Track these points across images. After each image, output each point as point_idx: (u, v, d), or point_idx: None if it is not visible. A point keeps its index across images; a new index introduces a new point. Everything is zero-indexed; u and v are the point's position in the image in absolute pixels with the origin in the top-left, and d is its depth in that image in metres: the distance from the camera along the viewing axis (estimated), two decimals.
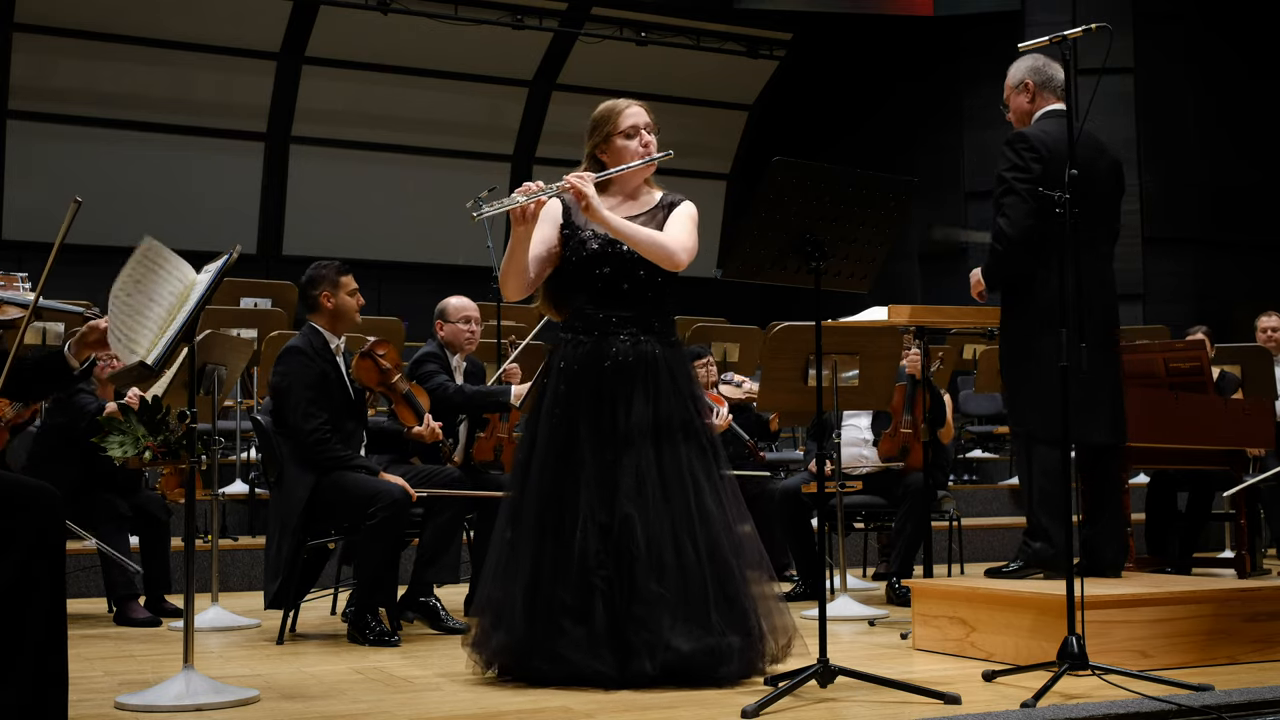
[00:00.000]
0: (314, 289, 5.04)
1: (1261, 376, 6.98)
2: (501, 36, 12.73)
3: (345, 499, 4.77)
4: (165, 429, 4.05)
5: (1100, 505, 4.56)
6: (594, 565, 3.62)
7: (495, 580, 3.76)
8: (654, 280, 3.85)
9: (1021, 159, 4.38)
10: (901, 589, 5.74)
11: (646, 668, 3.54)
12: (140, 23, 11.89)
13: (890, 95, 13.00)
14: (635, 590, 3.59)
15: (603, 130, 3.92)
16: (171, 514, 5.77)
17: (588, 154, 3.96)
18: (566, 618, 3.61)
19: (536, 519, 3.72)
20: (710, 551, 3.67)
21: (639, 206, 3.94)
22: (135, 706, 3.48)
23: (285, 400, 4.89)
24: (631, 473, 3.67)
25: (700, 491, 3.72)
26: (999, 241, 4.40)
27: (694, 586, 3.62)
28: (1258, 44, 12.05)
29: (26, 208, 11.84)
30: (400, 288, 12.09)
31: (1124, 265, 11.23)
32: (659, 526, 3.64)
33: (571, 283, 3.90)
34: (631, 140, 3.89)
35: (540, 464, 3.76)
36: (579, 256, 3.86)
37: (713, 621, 3.60)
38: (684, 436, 3.76)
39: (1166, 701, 3.29)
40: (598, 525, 3.65)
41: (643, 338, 3.82)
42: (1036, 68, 4.61)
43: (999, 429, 9.75)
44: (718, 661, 3.59)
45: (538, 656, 3.64)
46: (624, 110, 3.92)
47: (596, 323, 3.82)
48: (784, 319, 6.08)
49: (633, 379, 3.76)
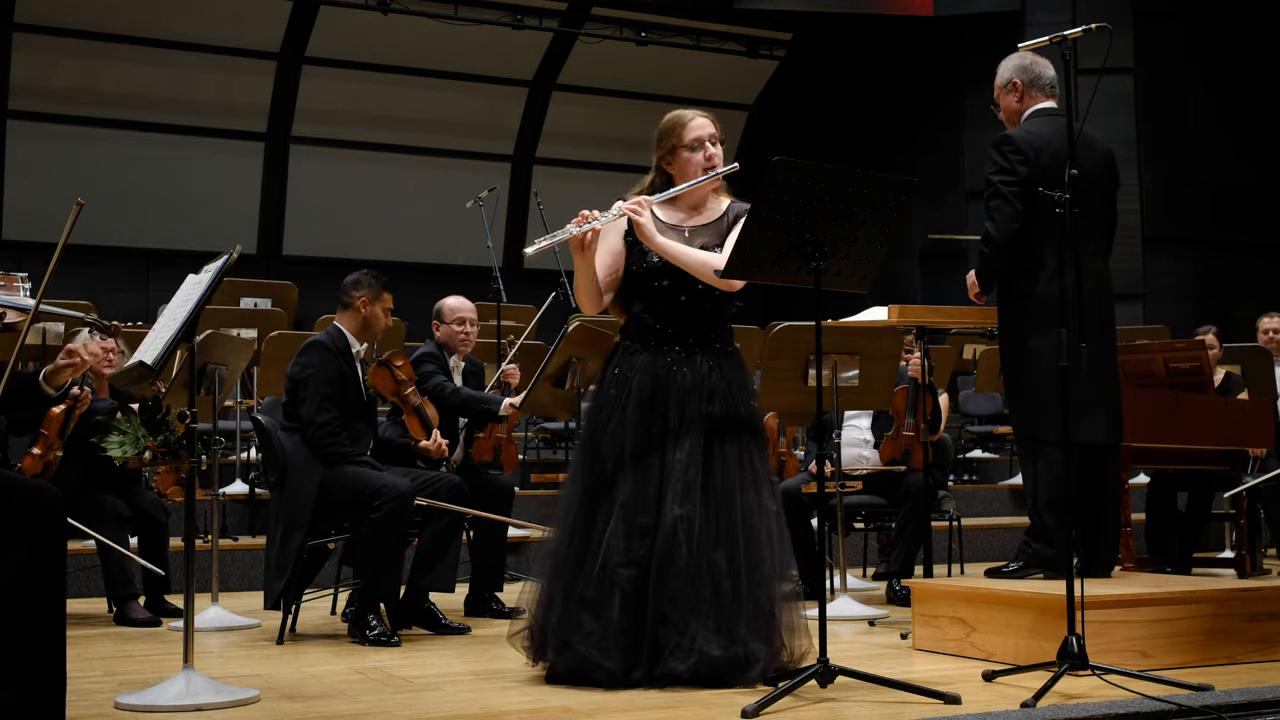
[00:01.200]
0: (356, 290, 5.07)
1: (1262, 377, 6.99)
2: (501, 36, 12.73)
3: (350, 494, 4.77)
4: (165, 429, 4.05)
5: (1097, 505, 4.56)
6: (618, 562, 3.65)
7: (535, 573, 3.87)
8: (711, 293, 3.87)
9: (1007, 161, 4.40)
10: (901, 589, 5.74)
11: (680, 669, 3.57)
12: (140, 23, 11.89)
13: (890, 95, 12.99)
14: (672, 594, 3.62)
15: (668, 142, 3.94)
16: (170, 514, 5.77)
17: (655, 164, 3.99)
18: (583, 610, 3.65)
19: (573, 515, 3.77)
20: (750, 563, 3.69)
21: (705, 216, 3.97)
22: (135, 706, 3.49)
23: (301, 391, 4.89)
24: (681, 478, 3.71)
25: (748, 502, 3.75)
26: (985, 244, 4.43)
27: (729, 595, 3.65)
28: (1258, 44, 12.05)
29: (26, 208, 11.84)
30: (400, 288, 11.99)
31: (1124, 265, 11.24)
32: (703, 535, 3.67)
33: (632, 291, 3.95)
34: (696, 153, 3.90)
35: (584, 464, 3.82)
36: (640, 267, 3.90)
37: (741, 631, 3.64)
38: (736, 445, 3.78)
39: (1166, 701, 3.29)
40: (634, 525, 3.68)
41: (698, 350, 3.86)
42: (1024, 66, 4.61)
43: (999, 429, 9.75)
44: (743, 669, 3.62)
45: (550, 646, 3.70)
46: (689, 122, 3.93)
47: (654, 333, 3.87)
48: (784, 319, 6.08)
49: (685, 387, 3.80)
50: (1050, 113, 4.54)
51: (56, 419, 5.43)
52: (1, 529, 2.75)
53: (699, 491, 3.70)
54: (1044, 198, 3.91)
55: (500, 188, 10.07)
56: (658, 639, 3.61)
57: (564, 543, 3.77)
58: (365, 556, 4.81)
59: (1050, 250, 4.20)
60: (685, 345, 3.85)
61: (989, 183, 4.43)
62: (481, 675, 3.95)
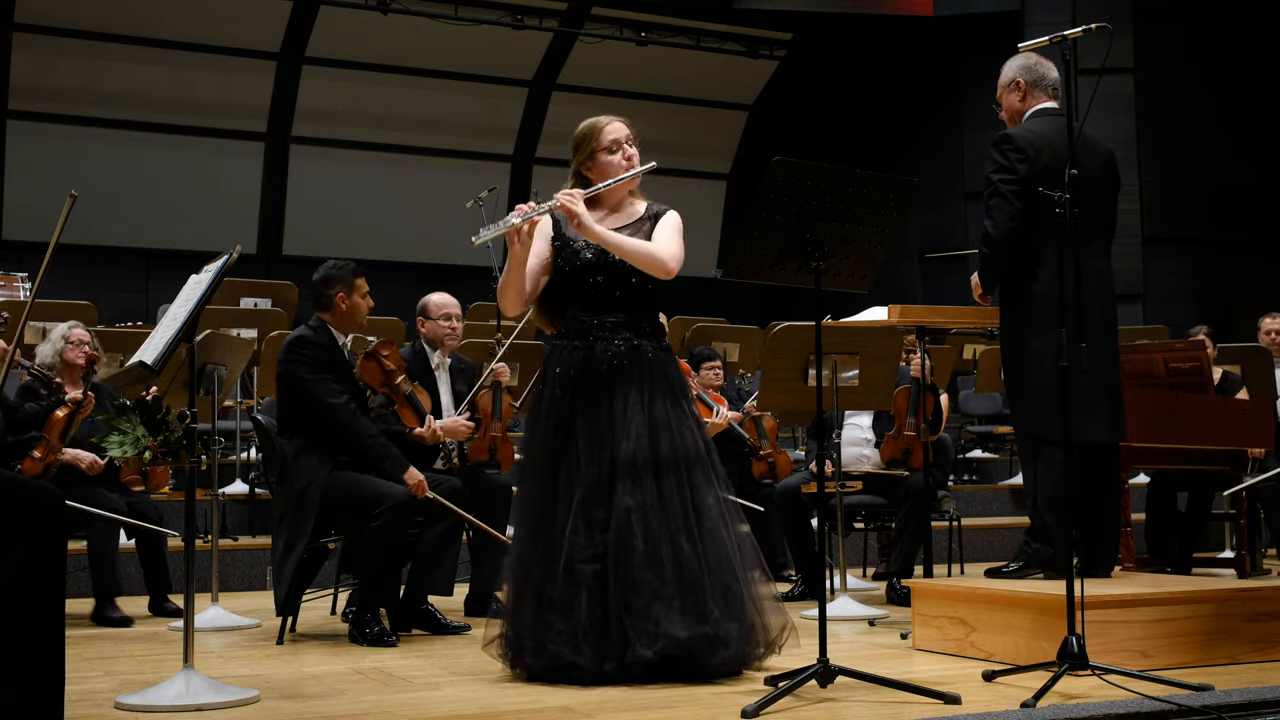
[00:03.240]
0: (329, 289, 5.01)
1: (1262, 377, 6.98)
2: (501, 36, 12.73)
3: (350, 500, 4.75)
4: (165, 429, 4.05)
5: (1098, 506, 4.56)
6: (581, 558, 3.70)
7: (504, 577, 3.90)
8: (645, 287, 3.95)
9: (1007, 159, 4.40)
10: (901, 589, 5.73)
11: (647, 655, 3.60)
12: (140, 23, 11.89)
13: (890, 95, 12.99)
14: (632, 582, 3.67)
15: (586, 148, 4.02)
16: (162, 516, 5.77)
17: (573, 171, 4.06)
18: (552, 611, 3.70)
19: (533, 517, 3.82)
20: (707, 545, 3.75)
21: (625, 218, 4.03)
22: (135, 706, 3.49)
23: (300, 386, 4.84)
24: (629, 469, 3.75)
25: (697, 488, 3.81)
26: (985, 244, 4.43)
27: (691, 578, 3.70)
28: (1258, 44, 12.05)
29: (26, 208, 11.84)
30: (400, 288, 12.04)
31: (1124, 265, 11.24)
32: (658, 521, 3.72)
33: (565, 292, 4.00)
34: (614, 155, 3.99)
35: (537, 465, 3.89)
36: (572, 266, 3.95)
37: (709, 610, 3.68)
38: (680, 435, 3.84)
39: (1166, 701, 3.29)
40: (593, 520, 3.73)
41: (635, 341, 3.91)
42: (1028, 66, 4.62)
43: (999, 429, 9.75)
44: (714, 648, 3.66)
45: (526, 650, 3.74)
46: (604, 127, 4.02)
47: (590, 328, 3.91)
48: (784, 319, 6.08)
49: (629, 379, 3.85)
50: (1052, 113, 4.54)
51: (59, 423, 5.43)
52: (2, 529, 2.75)
53: (649, 480, 3.75)
54: (1045, 197, 3.90)
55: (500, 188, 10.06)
56: (624, 628, 3.65)
57: (527, 544, 3.81)
58: (365, 563, 4.79)
59: (1051, 250, 4.19)
60: (623, 338, 3.89)
61: (989, 181, 4.44)
62: (481, 675, 3.94)
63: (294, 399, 4.90)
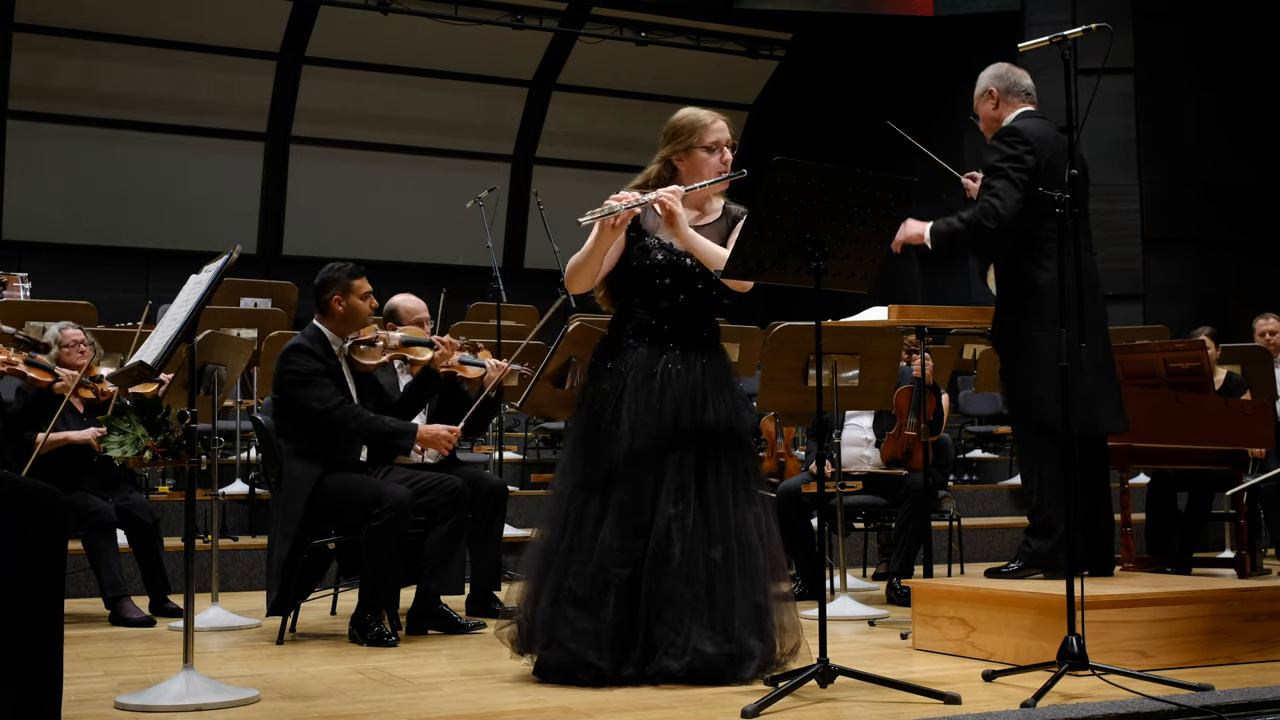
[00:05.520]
0: (325, 292, 4.99)
1: (1262, 377, 6.99)
2: (501, 36, 12.73)
3: (348, 501, 4.76)
4: (165, 429, 4.06)
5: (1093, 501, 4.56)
6: (614, 562, 3.66)
7: (523, 570, 3.87)
8: (709, 293, 3.92)
9: (1015, 150, 4.46)
10: (901, 589, 5.73)
11: (674, 667, 3.59)
12: (140, 23, 11.90)
13: (891, 95, 12.97)
14: (667, 593, 3.63)
15: (685, 140, 3.95)
16: (158, 518, 5.76)
17: (663, 158, 3.98)
18: (573, 607, 3.66)
19: (565, 511, 3.77)
20: (743, 561, 3.72)
21: (706, 216, 3.99)
22: (135, 706, 3.49)
23: (296, 390, 4.84)
24: (675, 477, 3.72)
25: (739, 501, 3.77)
26: (990, 219, 4.41)
27: (723, 594, 3.67)
28: (1258, 43, 12.05)
29: (26, 208, 11.85)
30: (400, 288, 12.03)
31: (1124, 265, 11.26)
32: (697, 532, 3.69)
33: (631, 284, 3.95)
34: (713, 155, 3.93)
35: (577, 460, 3.82)
36: (641, 263, 3.91)
37: (736, 628, 3.66)
38: (727, 445, 3.80)
39: (1166, 701, 3.28)
40: (629, 524, 3.69)
41: (692, 348, 3.87)
42: (999, 75, 4.72)
43: (999, 429, 9.75)
44: (739, 666, 3.64)
45: (538, 642, 3.71)
46: (710, 124, 3.95)
47: (650, 330, 3.88)
48: (784, 319, 6.08)
49: (681, 387, 3.81)
50: (1035, 114, 4.61)
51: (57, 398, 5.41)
52: (3, 528, 2.75)
53: (693, 490, 3.72)
54: (1043, 195, 3.92)
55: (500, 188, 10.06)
56: (652, 637, 3.62)
57: (555, 538, 3.76)
58: (365, 564, 4.79)
59: (1051, 247, 4.20)
60: (680, 343, 3.87)
61: (993, 168, 4.47)
62: (481, 675, 3.94)
63: (290, 406, 4.91)
